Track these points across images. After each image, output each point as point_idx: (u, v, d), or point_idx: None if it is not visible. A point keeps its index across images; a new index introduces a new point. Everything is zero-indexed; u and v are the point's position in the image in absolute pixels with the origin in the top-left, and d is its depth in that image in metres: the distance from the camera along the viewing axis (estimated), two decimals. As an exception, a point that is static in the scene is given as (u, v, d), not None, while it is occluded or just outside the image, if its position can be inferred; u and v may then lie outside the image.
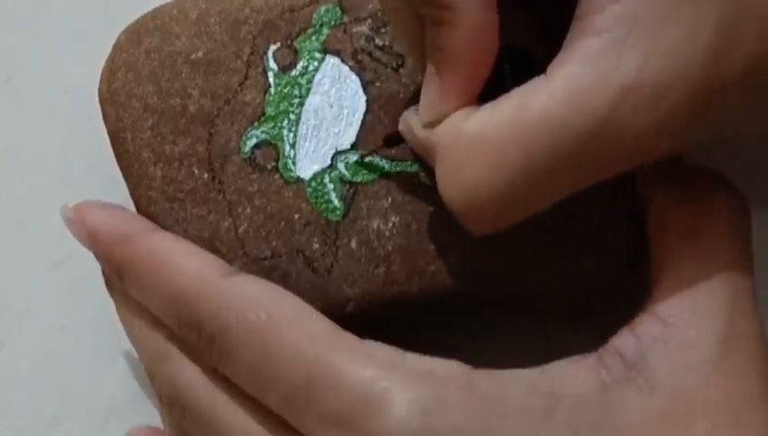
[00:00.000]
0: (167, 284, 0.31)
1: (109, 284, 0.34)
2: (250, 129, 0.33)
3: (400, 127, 0.31)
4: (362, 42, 0.34)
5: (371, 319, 0.32)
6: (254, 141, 0.33)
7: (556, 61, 0.27)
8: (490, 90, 0.28)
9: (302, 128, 0.33)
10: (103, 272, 0.34)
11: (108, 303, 0.34)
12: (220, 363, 0.30)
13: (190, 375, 0.31)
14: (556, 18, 0.28)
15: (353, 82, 0.33)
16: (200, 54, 0.34)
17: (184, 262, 0.31)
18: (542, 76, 0.27)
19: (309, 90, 0.33)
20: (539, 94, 0.27)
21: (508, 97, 0.27)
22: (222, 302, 0.30)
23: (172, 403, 0.31)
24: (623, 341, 0.29)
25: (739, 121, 0.28)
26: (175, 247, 0.32)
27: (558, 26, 0.28)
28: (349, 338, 0.29)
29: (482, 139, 0.27)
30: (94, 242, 0.33)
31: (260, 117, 0.33)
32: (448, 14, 0.27)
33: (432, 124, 0.29)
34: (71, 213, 0.33)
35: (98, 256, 0.33)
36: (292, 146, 0.33)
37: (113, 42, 0.35)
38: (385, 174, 0.33)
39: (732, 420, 0.27)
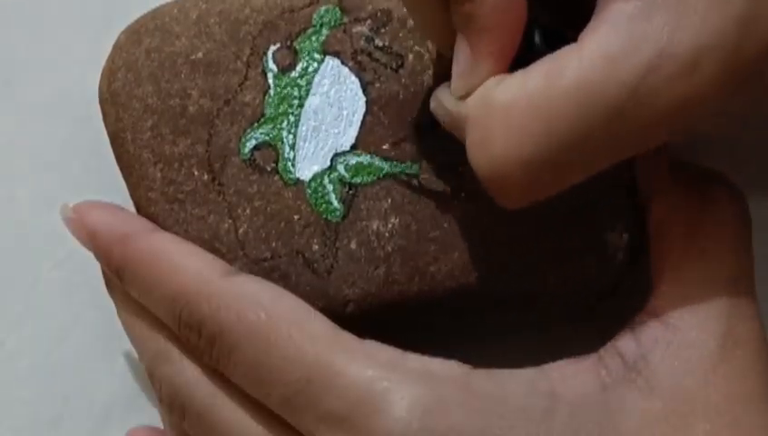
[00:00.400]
0: (167, 284, 0.31)
1: (109, 285, 0.34)
2: (249, 130, 0.33)
3: (432, 106, 0.30)
4: (362, 42, 0.33)
5: (371, 320, 0.32)
6: (254, 142, 0.33)
7: (587, 28, 0.26)
8: (523, 63, 0.28)
9: (302, 129, 0.33)
10: (104, 273, 0.34)
11: (108, 303, 0.34)
12: (220, 363, 0.30)
13: (190, 375, 0.31)
14: None
15: (353, 83, 0.33)
16: (200, 54, 0.33)
17: (184, 262, 0.31)
18: (573, 45, 0.26)
19: (308, 91, 0.33)
20: (571, 61, 0.26)
21: (540, 64, 0.27)
22: (223, 301, 0.30)
23: (173, 403, 0.31)
24: (623, 341, 0.29)
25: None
26: (175, 247, 0.32)
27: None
28: (349, 338, 0.29)
29: (512, 107, 0.27)
30: (94, 241, 0.33)
31: (259, 118, 0.33)
32: None
33: (465, 96, 0.28)
34: (70, 213, 0.33)
35: (98, 256, 0.33)
36: (292, 147, 0.33)
37: (113, 42, 0.35)
38: (385, 176, 0.33)
39: (732, 421, 0.27)
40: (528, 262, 0.32)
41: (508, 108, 0.27)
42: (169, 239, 0.32)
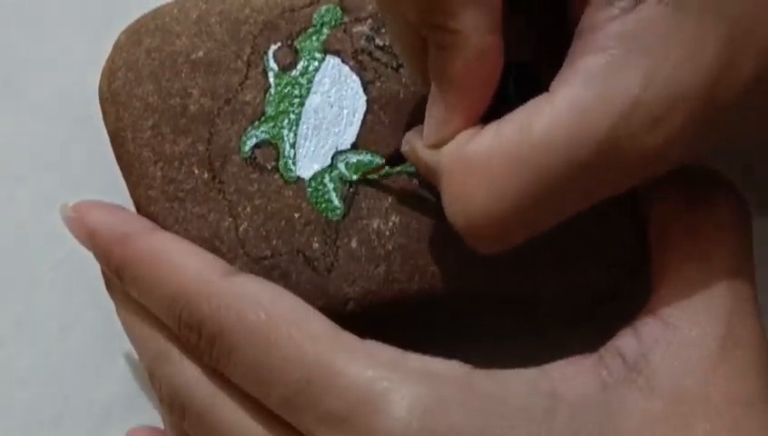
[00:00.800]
0: (167, 284, 0.31)
1: (109, 285, 0.34)
2: (250, 129, 0.33)
3: (403, 148, 0.31)
4: (363, 42, 0.34)
5: (371, 318, 0.32)
6: (254, 140, 0.33)
7: (557, 78, 0.27)
8: (494, 106, 0.28)
9: (302, 128, 0.33)
10: (103, 273, 0.34)
11: (108, 303, 0.34)
12: (220, 363, 0.30)
13: (190, 375, 0.31)
14: (554, 33, 0.28)
15: (353, 82, 0.33)
16: (200, 53, 0.34)
17: (184, 262, 0.31)
18: (545, 95, 0.27)
19: (309, 90, 0.33)
20: (542, 114, 0.26)
21: (511, 117, 0.27)
22: (222, 301, 0.30)
23: (173, 403, 0.31)
24: (624, 341, 0.29)
25: (743, 131, 0.28)
26: (175, 247, 0.32)
27: (557, 41, 0.28)
28: (349, 338, 0.29)
29: (486, 162, 0.27)
30: (94, 241, 0.33)
31: (260, 117, 0.33)
32: (452, 37, 0.27)
33: (436, 146, 0.29)
34: (70, 213, 0.33)
35: (97, 256, 0.33)
36: (292, 146, 0.33)
37: (112, 42, 0.35)
38: (385, 174, 0.33)
39: (732, 421, 0.27)
40: (528, 262, 0.32)
41: (482, 163, 0.27)
42: (169, 238, 0.32)
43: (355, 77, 0.33)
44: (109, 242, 0.32)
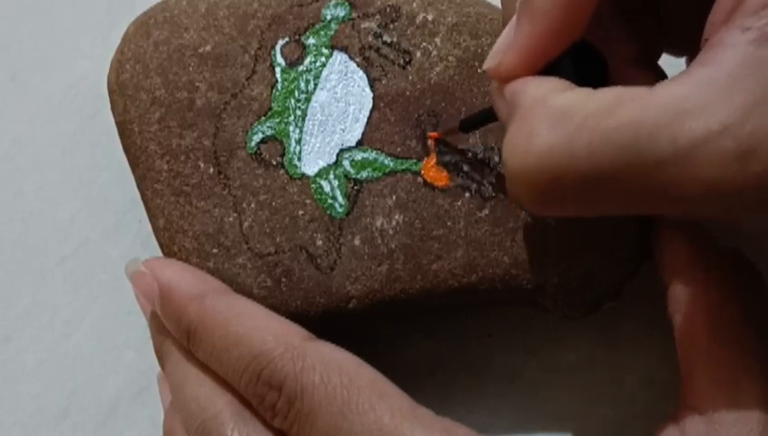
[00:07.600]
0: (248, 343, 0.30)
1: (161, 347, 0.33)
2: (256, 124, 0.33)
3: (487, 65, 0.30)
4: (370, 38, 0.33)
5: (373, 316, 0.32)
6: (260, 136, 0.33)
7: (667, 80, 0.26)
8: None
9: (308, 124, 0.33)
10: (155, 335, 0.33)
11: (114, 299, 0.35)
12: (296, 424, 0.29)
13: (262, 434, 0.30)
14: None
15: (360, 78, 0.33)
16: (208, 47, 0.33)
17: (267, 323, 0.31)
18: (647, 88, 0.26)
19: (316, 85, 0.33)
20: (638, 98, 0.25)
21: (607, 90, 0.26)
22: (307, 362, 0.29)
23: None
24: None
25: None
26: (255, 308, 0.31)
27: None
28: (426, 413, 0.29)
29: (568, 114, 0.26)
30: (168, 298, 0.32)
31: (266, 112, 0.33)
32: None
33: (496, 73, 0.28)
34: (141, 268, 0.33)
35: (168, 314, 0.32)
36: (298, 142, 0.33)
37: (118, 36, 0.35)
38: (390, 173, 0.33)
39: None
40: (531, 262, 0.32)
41: (564, 114, 0.26)
42: (246, 301, 0.32)
43: (362, 74, 0.33)
44: (185, 300, 0.32)
